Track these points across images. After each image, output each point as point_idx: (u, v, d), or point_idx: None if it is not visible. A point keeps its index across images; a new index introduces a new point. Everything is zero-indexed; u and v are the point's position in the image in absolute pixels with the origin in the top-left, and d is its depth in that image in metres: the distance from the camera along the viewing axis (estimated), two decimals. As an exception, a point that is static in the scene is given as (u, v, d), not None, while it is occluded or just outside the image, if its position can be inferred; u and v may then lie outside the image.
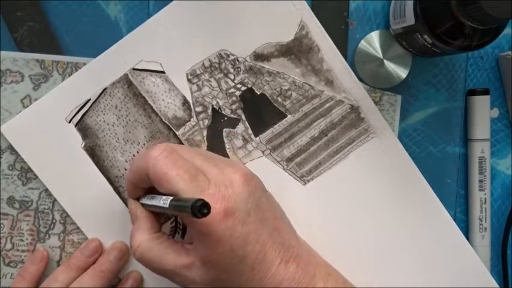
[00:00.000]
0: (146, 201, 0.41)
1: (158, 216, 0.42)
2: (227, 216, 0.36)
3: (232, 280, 0.38)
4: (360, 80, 0.47)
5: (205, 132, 0.47)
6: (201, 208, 0.32)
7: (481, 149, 0.49)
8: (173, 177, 0.37)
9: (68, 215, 0.46)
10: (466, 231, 0.50)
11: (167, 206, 0.36)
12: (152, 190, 0.40)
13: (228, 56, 0.46)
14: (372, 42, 0.47)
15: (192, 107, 0.46)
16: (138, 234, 0.40)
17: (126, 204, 0.46)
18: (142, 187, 0.41)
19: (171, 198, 0.36)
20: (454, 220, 0.48)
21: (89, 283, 0.44)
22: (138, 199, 0.42)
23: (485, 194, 0.49)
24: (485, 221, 0.49)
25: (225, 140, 0.47)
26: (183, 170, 0.37)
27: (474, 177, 0.49)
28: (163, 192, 0.38)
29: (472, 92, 0.49)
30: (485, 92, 0.49)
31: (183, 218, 0.39)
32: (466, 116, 0.49)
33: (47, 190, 0.46)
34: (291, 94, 0.47)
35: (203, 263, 0.38)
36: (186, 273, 0.38)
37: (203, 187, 0.37)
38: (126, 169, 0.46)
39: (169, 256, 0.39)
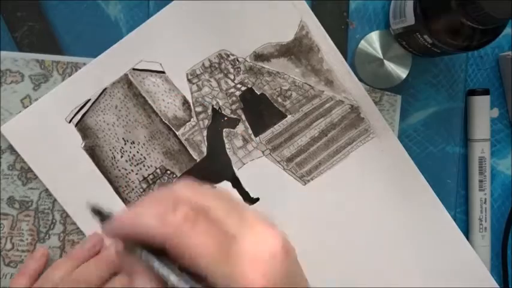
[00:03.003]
0: (156, 264, 0.30)
1: None
2: None
3: None
4: (360, 80, 0.47)
5: (205, 132, 0.47)
6: None
7: (481, 149, 0.49)
8: (201, 254, 0.29)
9: (68, 215, 0.46)
10: (466, 231, 0.50)
11: None
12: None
13: (228, 56, 0.46)
14: (372, 42, 0.47)
15: (192, 107, 0.46)
16: None
17: (126, 204, 0.46)
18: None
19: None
20: (454, 220, 0.48)
21: (93, 270, 0.43)
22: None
23: (485, 194, 0.49)
24: (485, 221, 0.49)
25: (225, 140, 0.47)
26: (212, 242, 0.30)
27: (474, 178, 0.49)
28: (183, 264, 0.30)
29: (472, 92, 0.49)
30: (485, 92, 0.49)
31: None
32: (466, 116, 0.49)
33: (47, 190, 0.46)
34: (291, 94, 0.47)
35: None
36: None
37: (237, 265, 0.30)
38: (125, 169, 0.46)
39: None
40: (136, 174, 0.46)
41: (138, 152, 0.46)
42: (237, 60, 0.47)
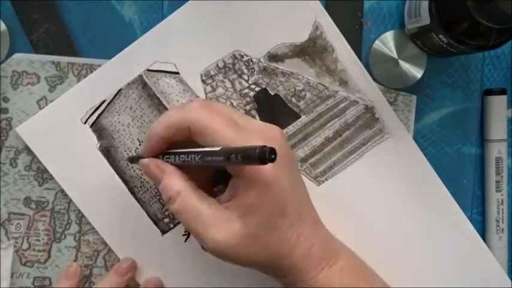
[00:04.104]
0: (178, 155, 0.38)
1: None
2: (276, 164, 0.34)
3: (268, 237, 0.37)
4: (375, 80, 0.47)
5: (219, 133, 0.47)
6: (270, 154, 0.31)
7: (497, 149, 0.48)
8: (220, 127, 0.36)
9: (83, 215, 0.47)
10: (483, 232, 0.49)
11: (222, 156, 0.34)
12: (171, 148, 0.39)
13: (242, 56, 0.46)
14: (387, 42, 0.47)
15: (206, 107, 0.47)
16: (175, 183, 0.38)
17: (141, 204, 0.46)
18: (165, 144, 0.39)
19: (221, 147, 0.35)
20: (471, 221, 0.48)
21: None
22: (155, 157, 0.40)
23: (502, 195, 0.48)
24: (502, 222, 0.48)
25: (239, 141, 0.47)
26: (226, 121, 0.37)
27: (491, 178, 0.48)
28: (204, 144, 0.37)
29: (489, 92, 0.48)
30: (502, 91, 0.48)
31: (228, 169, 0.37)
32: (482, 116, 0.49)
33: (62, 190, 0.46)
34: (305, 95, 0.47)
35: (244, 214, 0.36)
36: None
37: (248, 141, 0.36)
38: (140, 170, 0.46)
39: (207, 207, 0.37)
40: (151, 174, 0.47)
41: (152, 153, 0.46)
42: (251, 61, 0.47)
